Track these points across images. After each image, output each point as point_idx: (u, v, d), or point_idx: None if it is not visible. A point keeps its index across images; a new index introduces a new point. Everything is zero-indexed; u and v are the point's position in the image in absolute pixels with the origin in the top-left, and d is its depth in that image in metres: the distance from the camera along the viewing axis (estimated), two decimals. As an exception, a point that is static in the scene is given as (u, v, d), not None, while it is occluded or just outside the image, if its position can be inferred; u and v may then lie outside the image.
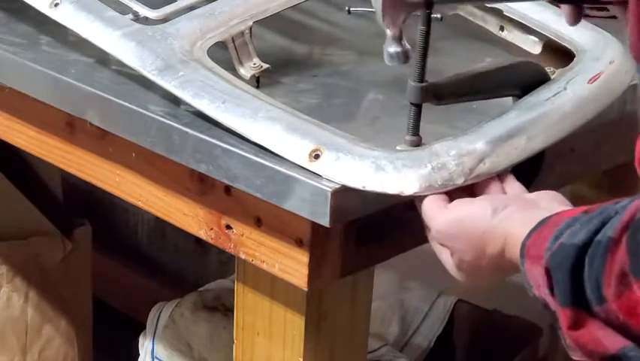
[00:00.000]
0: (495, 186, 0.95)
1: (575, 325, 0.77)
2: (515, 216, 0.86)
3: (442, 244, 0.91)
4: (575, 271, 0.76)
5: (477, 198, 0.91)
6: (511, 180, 0.96)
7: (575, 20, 0.97)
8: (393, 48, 0.92)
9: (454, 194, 0.92)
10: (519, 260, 0.83)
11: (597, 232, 0.76)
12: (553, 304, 0.79)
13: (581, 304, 0.76)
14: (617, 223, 0.74)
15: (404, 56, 0.93)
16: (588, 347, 0.77)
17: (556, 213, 0.83)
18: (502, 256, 0.86)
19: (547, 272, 0.78)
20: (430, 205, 0.91)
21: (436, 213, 0.90)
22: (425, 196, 0.92)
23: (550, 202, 0.89)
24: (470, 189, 0.94)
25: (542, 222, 0.82)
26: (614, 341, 0.75)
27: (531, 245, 0.82)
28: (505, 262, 0.86)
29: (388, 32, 0.92)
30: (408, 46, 0.93)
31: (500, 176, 0.95)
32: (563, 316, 0.78)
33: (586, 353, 0.78)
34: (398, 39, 0.92)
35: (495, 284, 0.95)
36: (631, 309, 0.73)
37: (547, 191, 0.91)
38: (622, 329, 0.75)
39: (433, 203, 0.91)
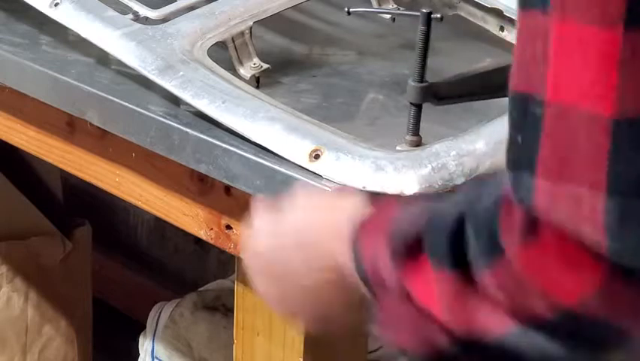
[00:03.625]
0: None
1: (458, 294, 0.64)
2: None
3: None
4: (452, 234, 0.64)
5: None
6: None
7: None
8: None
9: None
10: (352, 256, 0.72)
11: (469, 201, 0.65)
12: (394, 273, 0.67)
13: (462, 266, 0.64)
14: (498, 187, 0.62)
15: None
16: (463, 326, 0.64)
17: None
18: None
19: (392, 241, 0.68)
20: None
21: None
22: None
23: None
24: None
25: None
26: (496, 322, 0.63)
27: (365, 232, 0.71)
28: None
29: None
30: None
31: None
32: (444, 280, 0.65)
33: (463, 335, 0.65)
34: None
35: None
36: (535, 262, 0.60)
37: None
38: (510, 303, 0.62)
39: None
